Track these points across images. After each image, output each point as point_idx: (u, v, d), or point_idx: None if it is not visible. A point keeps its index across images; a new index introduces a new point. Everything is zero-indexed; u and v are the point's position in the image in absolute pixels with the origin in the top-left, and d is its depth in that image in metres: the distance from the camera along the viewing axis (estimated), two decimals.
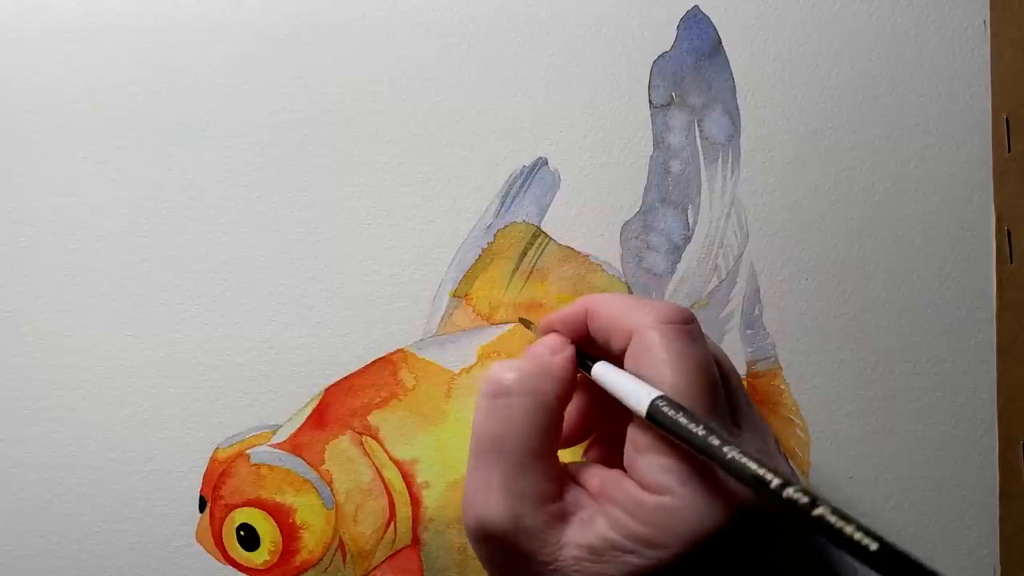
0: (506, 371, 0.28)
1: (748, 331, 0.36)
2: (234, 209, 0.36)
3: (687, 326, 0.27)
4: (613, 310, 0.29)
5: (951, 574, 0.36)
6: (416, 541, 0.36)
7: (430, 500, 0.36)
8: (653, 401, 0.25)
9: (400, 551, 0.36)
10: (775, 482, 0.22)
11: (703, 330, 0.28)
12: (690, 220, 0.37)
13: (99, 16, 0.37)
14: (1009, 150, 0.37)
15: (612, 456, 0.30)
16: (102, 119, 0.36)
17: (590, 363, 0.29)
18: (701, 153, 0.37)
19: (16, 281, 0.36)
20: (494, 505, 0.26)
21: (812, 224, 0.37)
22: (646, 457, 0.26)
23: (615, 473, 0.27)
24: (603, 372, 0.28)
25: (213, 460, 0.36)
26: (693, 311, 0.36)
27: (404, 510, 0.36)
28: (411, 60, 0.37)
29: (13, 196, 0.37)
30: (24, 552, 0.36)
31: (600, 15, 0.37)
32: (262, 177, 0.36)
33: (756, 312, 0.36)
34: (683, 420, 0.24)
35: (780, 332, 0.36)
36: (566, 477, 0.28)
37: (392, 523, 0.36)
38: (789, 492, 0.22)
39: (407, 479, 0.36)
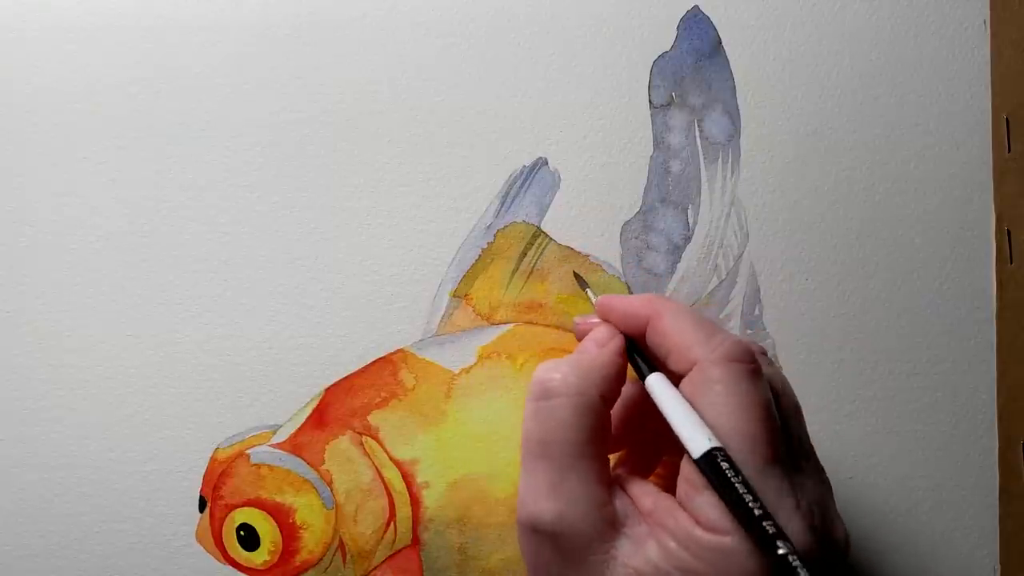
0: (549, 371, 0.28)
1: (748, 331, 0.36)
2: (234, 209, 0.36)
3: (752, 365, 0.27)
4: (679, 333, 0.28)
5: (951, 574, 0.36)
6: (416, 541, 0.36)
7: (430, 500, 0.36)
8: (711, 452, 0.25)
9: (400, 551, 0.36)
10: None
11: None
12: (690, 220, 0.37)
13: (99, 16, 0.37)
14: (1009, 150, 0.37)
15: (648, 467, 0.30)
16: (102, 119, 0.37)
17: (643, 366, 0.28)
18: (701, 153, 0.37)
19: (16, 281, 0.36)
20: (544, 506, 0.26)
21: (812, 224, 0.37)
22: (703, 495, 0.25)
23: (668, 500, 0.26)
24: (659, 390, 0.27)
25: (213, 460, 0.36)
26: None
27: (404, 510, 0.36)
28: (411, 60, 0.37)
29: (13, 196, 0.37)
30: (24, 552, 0.36)
31: (600, 15, 0.37)
32: (262, 177, 0.36)
33: (756, 312, 0.36)
34: (739, 488, 0.24)
35: (780, 332, 0.36)
36: (616, 483, 0.28)
37: (392, 523, 0.36)
38: None
39: (407, 479, 0.36)
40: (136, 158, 0.36)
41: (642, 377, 0.29)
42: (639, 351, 0.29)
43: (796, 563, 0.23)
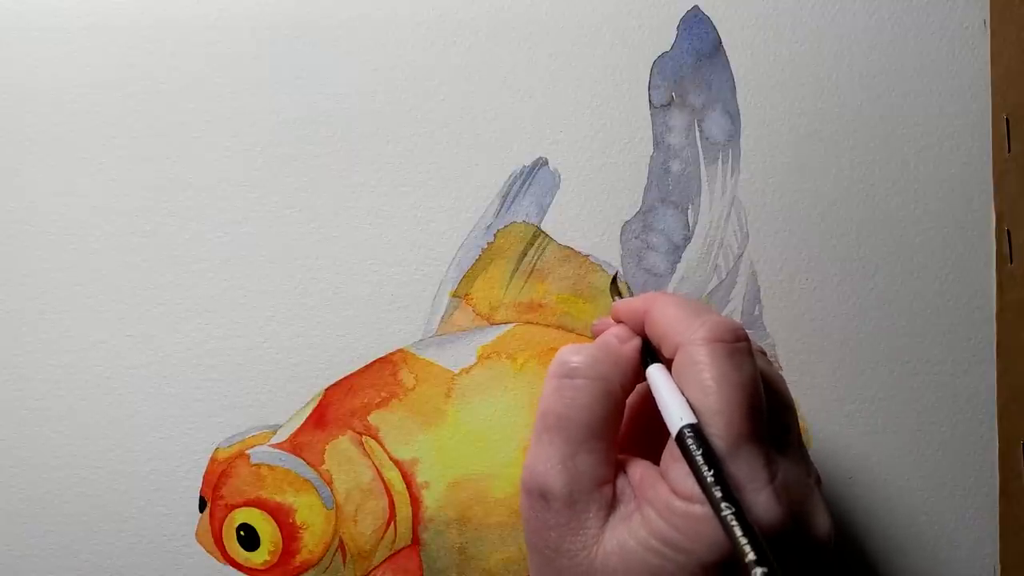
0: (575, 354, 0.29)
1: (748, 331, 0.36)
2: (234, 209, 0.36)
3: (735, 344, 0.27)
4: (666, 318, 0.29)
5: (951, 574, 0.36)
6: (416, 541, 0.36)
7: (430, 500, 0.36)
8: (681, 428, 0.26)
9: (400, 551, 0.36)
10: (749, 556, 0.23)
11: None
12: (690, 220, 0.37)
13: (99, 16, 0.37)
14: (1009, 150, 0.37)
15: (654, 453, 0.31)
16: (102, 119, 0.37)
17: (647, 359, 0.30)
18: (701, 153, 0.37)
19: (16, 281, 0.36)
20: (554, 475, 0.27)
21: (812, 224, 0.37)
22: (680, 465, 0.26)
23: (655, 472, 0.28)
24: (653, 376, 0.29)
25: (213, 460, 0.36)
26: None
27: (404, 510, 0.36)
28: (411, 60, 0.37)
29: (13, 196, 0.37)
30: (24, 552, 0.36)
31: (600, 15, 0.37)
32: (262, 177, 0.36)
33: (756, 312, 0.36)
34: (700, 459, 0.25)
35: (780, 332, 0.36)
36: (619, 466, 0.29)
37: (392, 523, 0.36)
38: (756, 572, 0.22)
39: (407, 479, 0.36)
40: (136, 158, 0.36)
41: (645, 369, 0.30)
42: (647, 348, 0.31)
43: (733, 523, 0.24)
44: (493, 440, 0.36)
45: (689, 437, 0.26)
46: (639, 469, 0.28)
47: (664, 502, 0.26)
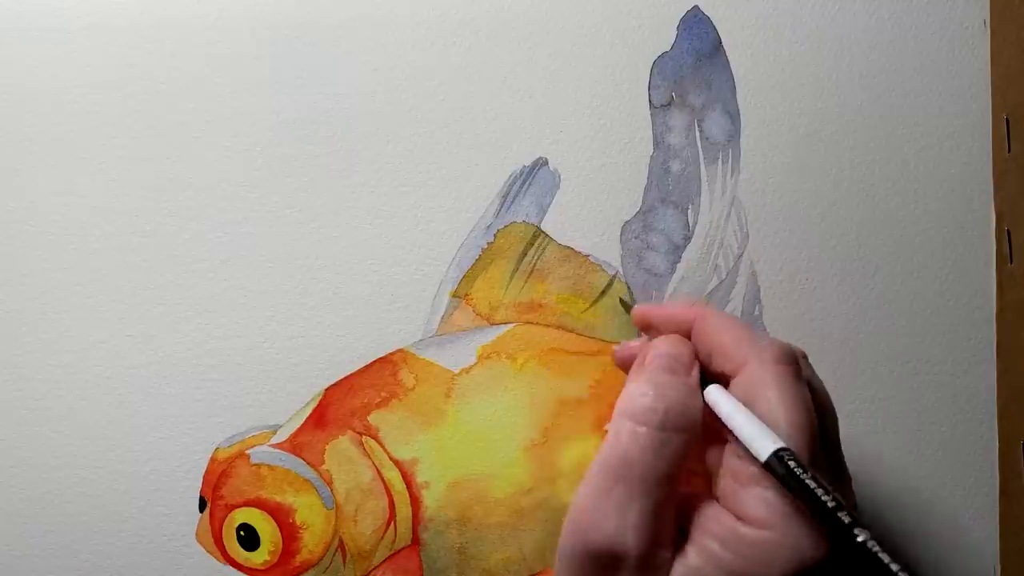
0: (660, 400, 0.27)
1: None
2: (234, 209, 0.36)
3: (795, 367, 0.27)
4: (727, 335, 0.28)
5: (951, 574, 0.36)
6: (416, 541, 0.36)
7: (430, 500, 0.36)
8: (778, 452, 0.25)
9: (400, 551, 0.36)
10: None
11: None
12: (690, 220, 0.37)
13: (99, 16, 0.37)
14: (1009, 150, 0.37)
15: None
16: (102, 119, 0.37)
17: (708, 381, 0.29)
18: (701, 153, 0.37)
19: (16, 281, 0.36)
20: (632, 535, 0.25)
21: (812, 224, 0.37)
22: (749, 489, 0.25)
23: (709, 504, 0.26)
24: (720, 400, 0.27)
25: (213, 460, 0.36)
26: None
27: (404, 510, 0.36)
28: (411, 60, 0.37)
29: (13, 196, 0.37)
30: (24, 552, 0.36)
31: (600, 15, 0.37)
32: (262, 177, 0.36)
33: (756, 312, 0.36)
34: (811, 483, 0.24)
35: (780, 332, 0.36)
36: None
37: (392, 523, 0.36)
38: None
39: (407, 479, 0.36)
40: (136, 158, 0.37)
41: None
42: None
43: (877, 548, 0.23)
44: (493, 440, 0.36)
45: (791, 460, 0.24)
46: (691, 502, 0.27)
47: (730, 532, 0.25)
